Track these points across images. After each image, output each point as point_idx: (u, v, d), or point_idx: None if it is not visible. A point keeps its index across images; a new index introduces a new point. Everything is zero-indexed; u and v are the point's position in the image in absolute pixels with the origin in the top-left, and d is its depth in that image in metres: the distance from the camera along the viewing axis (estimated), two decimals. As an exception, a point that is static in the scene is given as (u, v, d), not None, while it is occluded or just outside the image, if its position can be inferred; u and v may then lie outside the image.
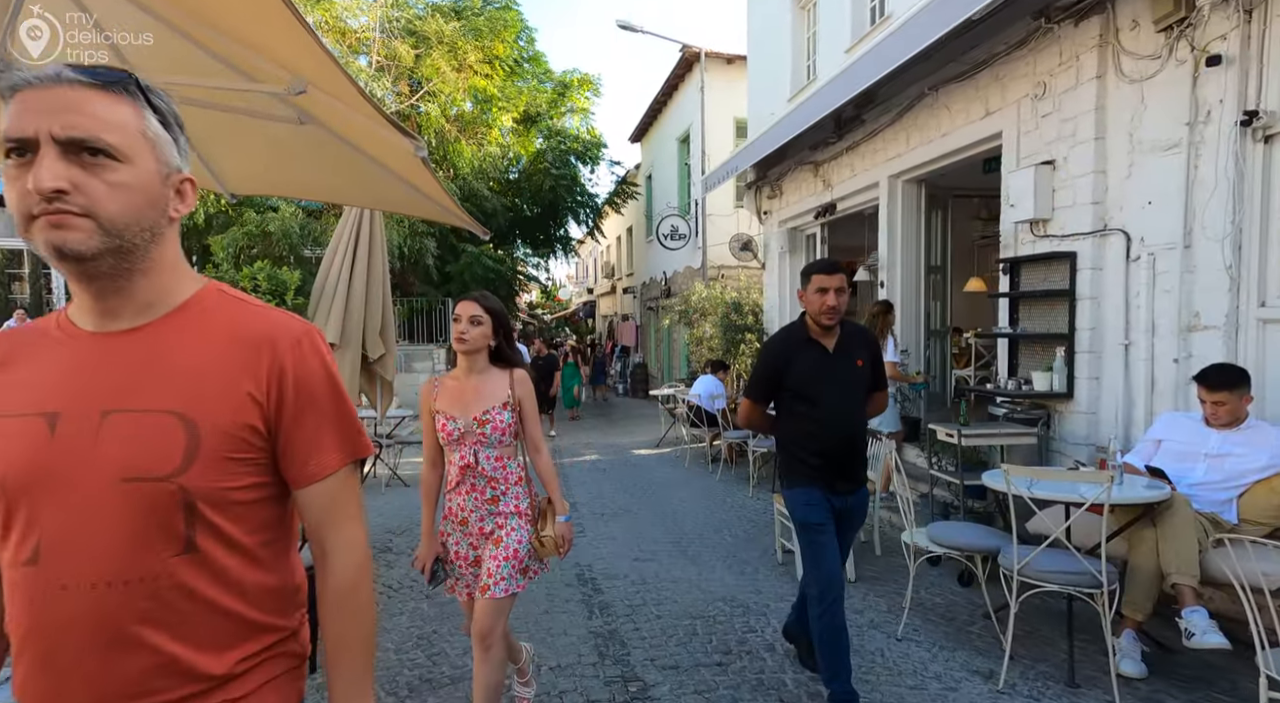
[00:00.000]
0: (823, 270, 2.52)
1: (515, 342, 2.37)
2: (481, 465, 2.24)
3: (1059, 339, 4.10)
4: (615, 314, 22.85)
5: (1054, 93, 4.16)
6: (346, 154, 3.22)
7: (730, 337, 9.59)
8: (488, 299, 2.31)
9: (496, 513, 2.27)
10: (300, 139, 3.17)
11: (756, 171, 9.48)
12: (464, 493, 2.27)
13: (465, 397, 2.28)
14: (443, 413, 2.26)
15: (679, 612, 3.60)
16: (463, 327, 2.25)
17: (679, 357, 14.52)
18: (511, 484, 2.29)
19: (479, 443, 2.23)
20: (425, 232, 12.22)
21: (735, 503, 6.03)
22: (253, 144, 3.36)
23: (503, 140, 14.13)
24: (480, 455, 2.24)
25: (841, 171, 7.10)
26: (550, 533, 2.30)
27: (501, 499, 2.27)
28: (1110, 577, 2.49)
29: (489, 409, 2.24)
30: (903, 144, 5.92)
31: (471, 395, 2.27)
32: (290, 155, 3.41)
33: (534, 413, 2.34)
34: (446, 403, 2.28)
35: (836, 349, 2.57)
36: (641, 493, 6.51)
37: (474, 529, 2.28)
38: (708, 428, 7.60)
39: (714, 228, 12.47)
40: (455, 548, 2.32)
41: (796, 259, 8.89)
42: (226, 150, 3.41)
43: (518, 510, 2.29)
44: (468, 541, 2.29)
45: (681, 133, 13.99)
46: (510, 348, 2.34)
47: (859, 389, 2.62)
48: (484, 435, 2.22)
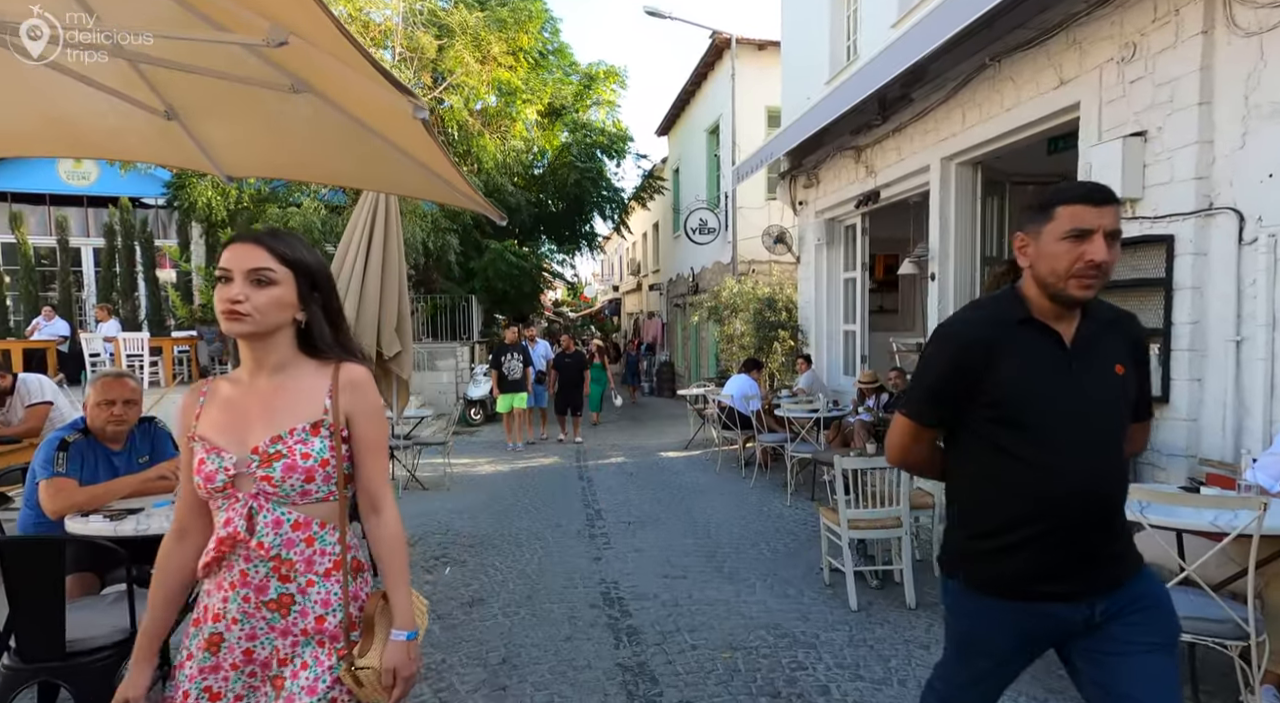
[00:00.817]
0: (1084, 199, 1.40)
1: None
2: (261, 538, 1.27)
3: (1151, 335, 3.58)
4: (641, 312, 22.47)
5: (1146, 54, 3.65)
6: (347, 129, 2.88)
7: (763, 334, 9.13)
8: (284, 242, 1.32)
9: (284, 630, 1.29)
10: (296, 113, 2.84)
11: (791, 160, 9.01)
12: (226, 587, 1.29)
13: (245, 414, 1.32)
14: (203, 442, 1.30)
15: (717, 641, 3.20)
16: (236, 288, 1.25)
17: (707, 355, 14.08)
18: (319, 576, 1.31)
19: (262, 497, 1.28)
20: (448, 228, 11.98)
21: (772, 512, 5.59)
22: (247, 120, 3.05)
23: (527, 134, 13.84)
24: (261, 520, 1.27)
25: (887, 156, 6.60)
26: (372, 664, 1.28)
27: (296, 603, 1.29)
28: (1258, 626, 2.02)
29: (284, 435, 1.29)
30: (958, 122, 5.41)
31: (257, 412, 1.32)
32: (287, 132, 3.09)
33: (376, 441, 1.38)
34: (212, 424, 1.32)
35: (1078, 343, 1.47)
36: (670, 499, 6.12)
37: (237, 656, 1.28)
38: (740, 430, 7.17)
39: (744, 221, 12.00)
40: (194, 687, 1.27)
41: (834, 252, 8.40)
42: (219, 128, 3.10)
43: (322, 628, 1.29)
44: (222, 676, 1.28)
45: (711, 124, 13.54)
46: (335, 327, 1.38)
47: (1116, 415, 1.48)
48: (271, 483, 1.27)
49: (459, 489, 6.71)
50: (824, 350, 8.53)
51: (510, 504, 6.05)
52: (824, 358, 8.51)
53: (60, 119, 2.94)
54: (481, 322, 14.31)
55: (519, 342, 8.99)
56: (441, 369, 12.69)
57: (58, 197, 12.82)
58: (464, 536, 5.06)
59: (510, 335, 9.01)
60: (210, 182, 10.59)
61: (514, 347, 8.85)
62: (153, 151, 3.29)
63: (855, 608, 3.50)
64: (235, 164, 3.37)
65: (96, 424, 2.66)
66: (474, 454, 8.66)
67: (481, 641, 3.25)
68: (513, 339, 8.95)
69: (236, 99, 2.81)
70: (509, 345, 8.87)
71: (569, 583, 4.03)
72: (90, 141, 3.14)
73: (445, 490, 6.66)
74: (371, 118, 2.72)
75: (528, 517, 5.61)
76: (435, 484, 6.84)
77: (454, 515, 5.65)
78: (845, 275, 8.28)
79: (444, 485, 6.81)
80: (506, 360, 8.76)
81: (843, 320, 8.38)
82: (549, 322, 37.15)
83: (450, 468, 7.32)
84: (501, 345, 9.00)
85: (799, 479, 6.18)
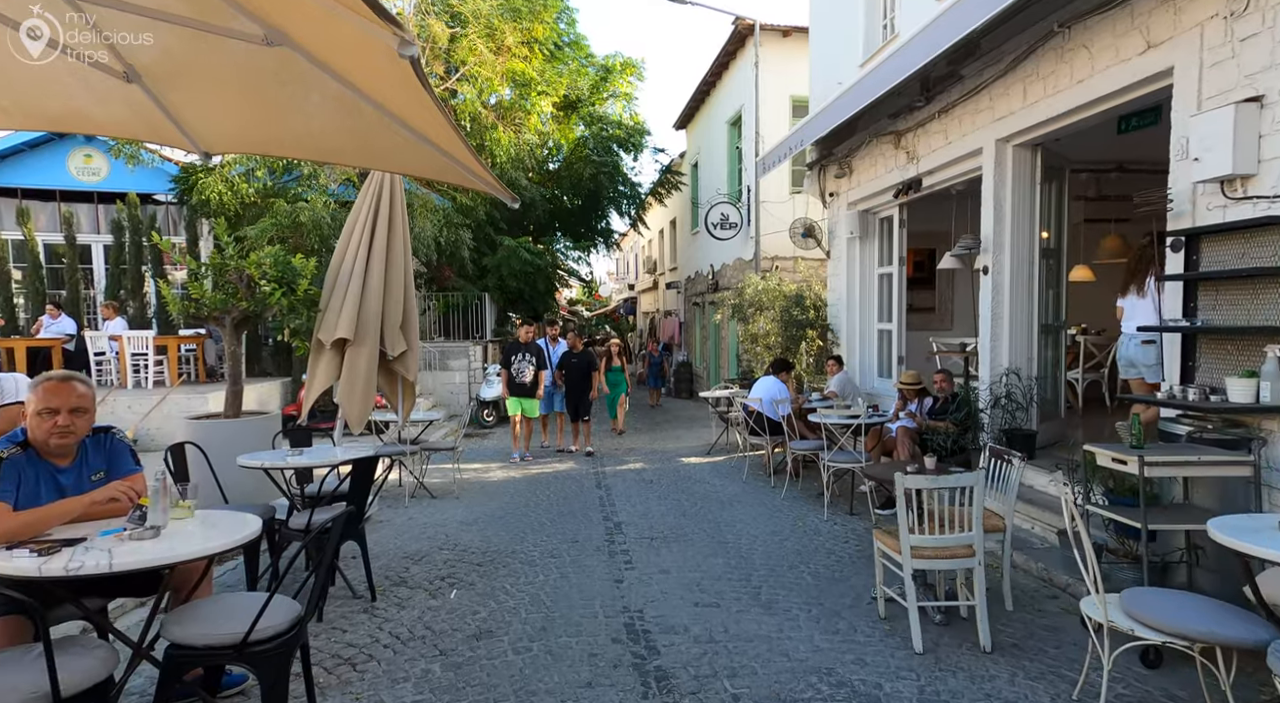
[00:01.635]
0: None
1: None
2: None
3: (1270, 334, 3.07)
4: (657, 310, 22.02)
5: (1262, 6, 3.13)
6: (334, 95, 2.45)
7: (790, 333, 8.64)
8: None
9: None
10: (273, 73, 2.43)
11: (820, 150, 8.51)
12: None
13: None
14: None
15: (763, 691, 2.74)
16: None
17: (728, 355, 13.59)
18: None
19: None
20: (461, 223, 11.61)
21: (808, 527, 5.11)
22: (218, 84, 2.63)
23: (542, 127, 13.42)
24: None
25: (930, 140, 6.08)
26: None
27: None
28: None
29: None
30: (1017, 99, 4.89)
31: None
32: (266, 99, 2.68)
33: None
34: None
35: None
36: (695, 511, 5.66)
37: None
38: (769, 436, 6.69)
39: (767, 215, 11.50)
40: None
41: (868, 245, 7.89)
42: (188, 94, 2.69)
43: None
44: None
45: (732, 115, 13.04)
46: None
47: None
48: None
49: (469, 497, 6.31)
50: (856, 351, 8.02)
51: (523, 516, 5.63)
52: (856, 359, 8.00)
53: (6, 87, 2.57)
54: (495, 320, 13.93)
55: (533, 341, 8.14)
56: (454, 369, 12.33)
57: (67, 193, 12.64)
58: (473, 552, 4.64)
59: (524, 334, 8.09)
60: (219, 175, 10.30)
61: (526, 347, 8.00)
62: (117, 122, 2.90)
63: (920, 650, 3.02)
64: (211, 137, 2.97)
65: (38, 437, 2.27)
66: (486, 459, 8.26)
67: (490, 685, 2.82)
68: (526, 338, 8.06)
69: (203, 56, 2.40)
70: (521, 345, 8.02)
71: (588, 611, 3.59)
72: (43, 112, 2.76)
73: (455, 498, 6.26)
74: (357, 75, 2.29)
75: (542, 530, 5.18)
76: (444, 492, 6.44)
77: (463, 528, 5.23)
78: (880, 270, 7.77)
79: (453, 493, 6.41)
80: (516, 361, 7.94)
81: (876, 318, 7.87)
82: (563, 321, 36.83)
83: (460, 474, 6.93)
84: (513, 344, 8.10)
85: (834, 490, 5.70)
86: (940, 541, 3.04)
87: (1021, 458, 3.43)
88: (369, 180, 5.18)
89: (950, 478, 3.01)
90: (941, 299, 8.72)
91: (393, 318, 5.14)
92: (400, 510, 5.83)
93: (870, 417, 5.51)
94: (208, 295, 4.83)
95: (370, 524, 5.28)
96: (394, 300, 5.15)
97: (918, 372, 6.08)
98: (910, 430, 5.60)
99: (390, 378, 5.38)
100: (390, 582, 4.02)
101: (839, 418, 5.53)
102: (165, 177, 11.53)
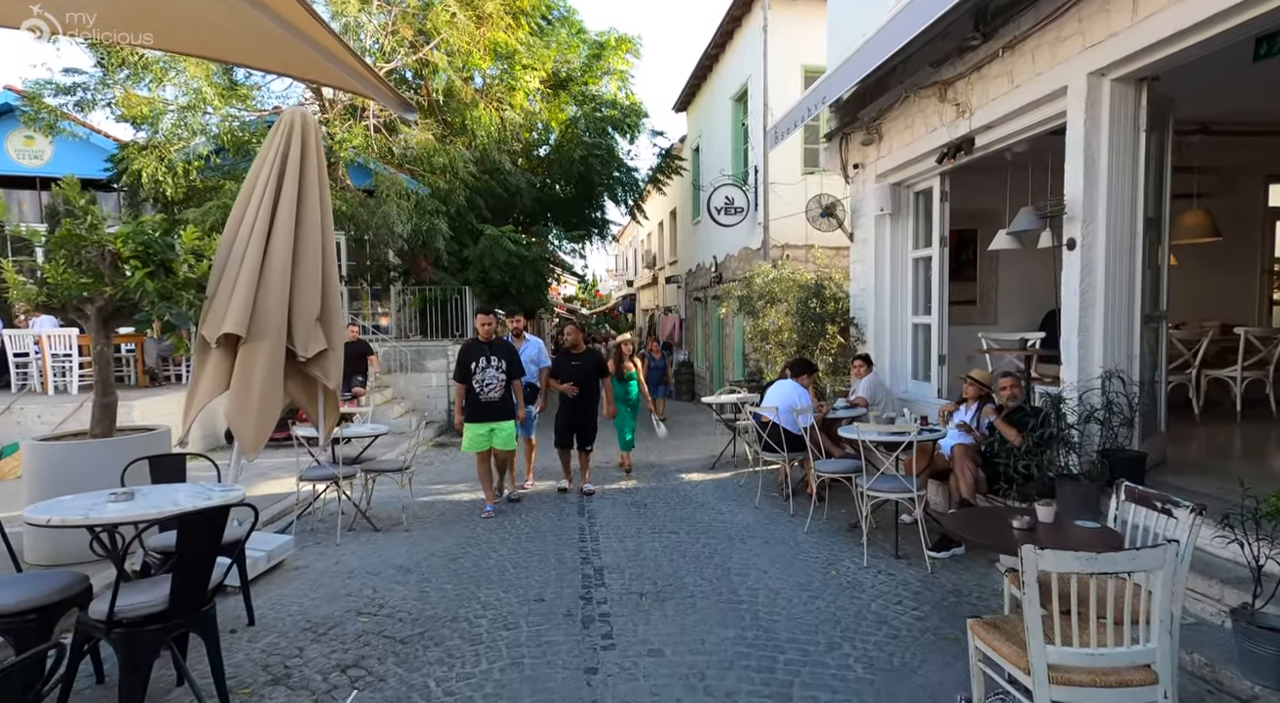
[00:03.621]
0: None
1: None
2: None
3: None
4: (657, 307, 20.85)
5: None
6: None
7: (807, 328, 7.46)
8: None
9: None
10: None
11: (842, 115, 7.33)
12: None
13: None
14: None
15: None
16: None
17: (732, 354, 12.41)
18: None
19: None
20: (435, 210, 10.44)
21: (845, 577, 3.94)
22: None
23: (528, 106, 12.24)
24: None
25: (988, 87, 4.90)
26: None
27: None
28: None
29: None
30: (1123, 14, 3.70)
31: None
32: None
33: None
34: None
35: None
36: (698, 551, 4.49)
37: None
38: (787, 452, 5.51)
39: (777, 199, 10.32)
40: None
41: (900, 225, 6.71)
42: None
43: None
44: None
45: (737, 89, 11.86)
46: None
47: None
48: None
49: (421, 529, 5.15)
50: (885, 349, 6.84)
51: (481, 557, 4.46)
52: (884, 359, 6.82)
53: None
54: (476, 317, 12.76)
55: (500, 338, 5.61)
56: (430, 370, 11.17)
57: (7, 178, 11.55)
58: (401, 618, 3.48)
59: (483, 328, 5.44)
60: (155, 153, 9.13)
61: (491, 347, 5.42)
62: None
63: None
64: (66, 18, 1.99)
65: None
66: (450, 479, 7.09)
67: None
68: (487, 334, 5.44)
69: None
70: (483, 345, 5.42)
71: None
72: None
73: (403, 531, 5.10)
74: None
75: (502, 580, 4.02)
76: (391, 522, 5.28)
77: (399, 578, 4.07)
78: (915, 254, 6.59)
79: (401, 523, 5.24)
80: (479, 368, 5.33)
81: (910, 311, 6.69)
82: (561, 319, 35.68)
83: (413, 498, 5.76)
84: (472, 345, 5.47)
85: (872, 521, 4.52)
86: (1100, 658, 1.86)
87: (1194, 509, 2.25)
88: (277, 125, 4.00)
89: (1121, 558, 1.84)
90: (984, 289, 7.53)
91: (305, 308, 3.97)
92: (329, 549, 4.66)
93: (921, 432, 4.32)
94: (61, 276, 3.66)
95: (280, 574, 4.11)
96: (306, 285, 3.97)
97: (986, 373, 4.91)
98: (970, 449, 4.42)
99: (306, 386, 4.21)
100: (266, 678, 2.85)
101: (880, 434, 4.35)
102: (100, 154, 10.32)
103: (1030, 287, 7.37)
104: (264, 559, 3.97)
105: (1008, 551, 2.22)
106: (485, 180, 11.70)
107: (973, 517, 2.97)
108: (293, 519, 5.10)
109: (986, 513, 2.99)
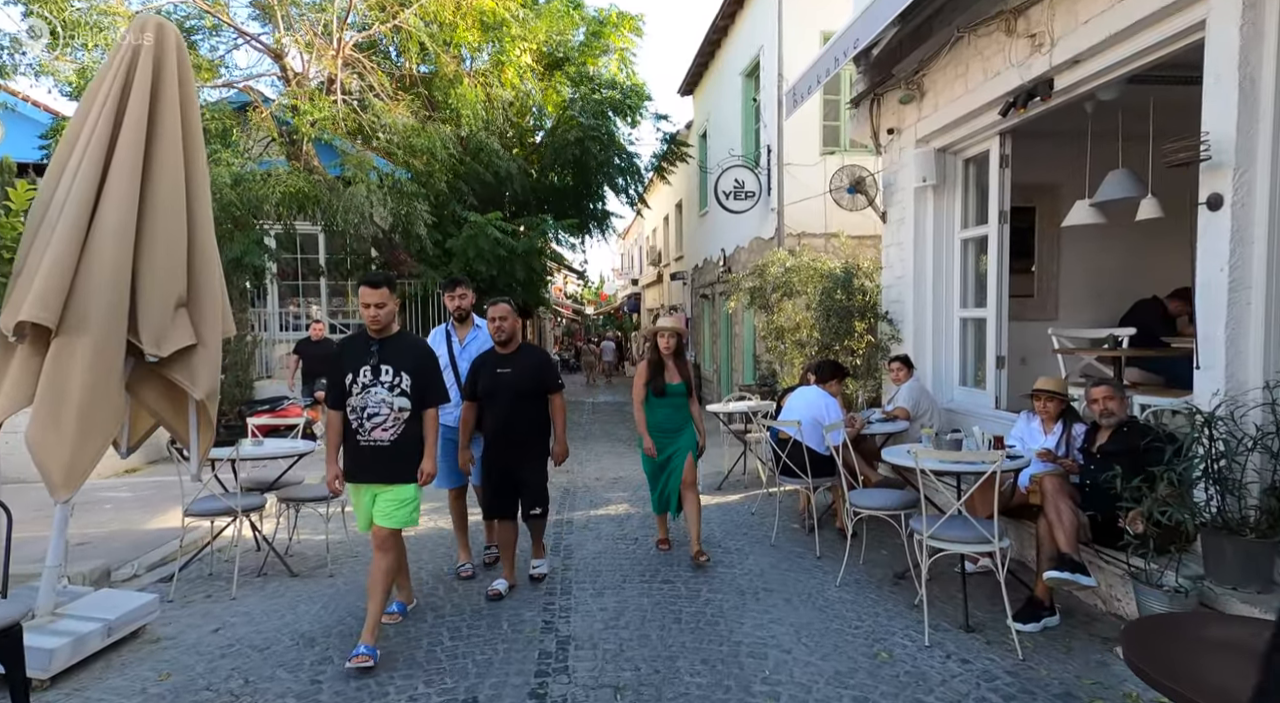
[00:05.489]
0: None
1: None
2: None
3: None
4: (661, 306, 19.74)
5: None
6: None
7: (832, 325, 6.34)
8: None
9: None
10: None
11: (873, 74, 6.21)
12: None
13: None
14: None
15: None
16: None
17: (742, 354, 11.29)
18: None
19: None
20: (414, 192, 9.40)
21: (904, 666, 2.81)
22: None
23: (519, 84, 11.18)
24: None
25: (1079, 8, 3.77)
26: None
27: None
28: None
29: None
30: None
31: None
32: None
33: None
34: None
35: None
36: (697, 614, 3.37)
37: None
38: (812, 477, 4.39)
39: (792, 181, 9.19)
40: None
41: (945, 199, 5.57)
42: None
43: None
44: None
45: (748, 64, 10.75)
46: None
47: None
48: None
49: (347, 574, 4.07)
50: (926, 349, 5.70)
51: (410, 623, 3.37)
52: (926, 360, 5.68)
53: None
54: (462, 313, 11.69)
55: (395, 332, 3.10)
56: (409, 373, 10.12)
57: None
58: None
59: (369, 311, 2.95)
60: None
61: (386, 346, 3.00)
62: None
63: None
64: None
65: None
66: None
67: None
68: (376, 320, 2.98)
69: None
70: (369, 341, 3.01)
71: None
72: None
73: (326, 576, 4.03)
74: None
75: (430, 659, 2.93)
76: (313, 565, 4.21)
77: (287, 657, 2.97)
78: (965, 234, 5.45)
79: (324, 567, 4.17)
80: (359, 384, 2.95)
81: (959, 302, 5.55)
82: (565, 319, 34.49)
83: (345, 532, 4.68)
84: (350, 343, 3.11)
85: (936, 582, 3.38)
86: None
87: None
88: (116, 46, 2.95)
89: None
90: (1043, 278, 6.35)
91: (159, 288, 2.89)
92: (217, 605, 3.59)
93: (1004, 461, 3.18)
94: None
95: (127, 651, 3.03)
96: (161, 256, 2.89)
97: (1062, 380, 3.78)
98: (1064, 482, 3.28)
99: (171, 397, 3.13)
100: None
101: (947, 462, 3.22)
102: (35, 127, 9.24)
103: (1099, 275, 6.20)
104: (100, 633, 2.89)
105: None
106: (470, 164, 10.66)
107: (1159, 631, 1.77)
108: (174, 571, 3.94)
109: (1184, 625, 1.84)
